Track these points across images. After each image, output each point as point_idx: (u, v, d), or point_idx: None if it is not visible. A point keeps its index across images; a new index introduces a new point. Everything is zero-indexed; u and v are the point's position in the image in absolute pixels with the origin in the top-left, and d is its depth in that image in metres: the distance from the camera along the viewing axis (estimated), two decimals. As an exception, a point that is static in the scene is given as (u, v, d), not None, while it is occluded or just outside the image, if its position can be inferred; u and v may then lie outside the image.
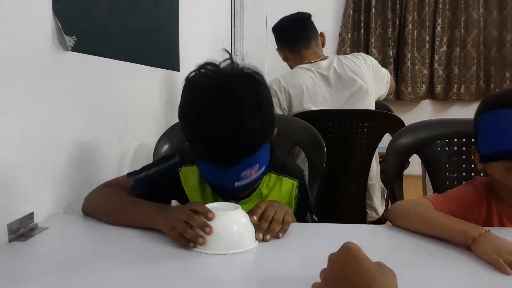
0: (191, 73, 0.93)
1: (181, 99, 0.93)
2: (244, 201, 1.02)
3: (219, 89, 0.86)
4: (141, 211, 0.95)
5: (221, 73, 0.91)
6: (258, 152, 0.88)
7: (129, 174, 1.06)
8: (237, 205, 0.89)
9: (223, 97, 0.85)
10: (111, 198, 1.01)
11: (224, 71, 0.91)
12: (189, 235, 0.82)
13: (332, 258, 0.61)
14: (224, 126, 0.84)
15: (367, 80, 1.84)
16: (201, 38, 2.47)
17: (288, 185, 1.06)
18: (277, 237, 0.89)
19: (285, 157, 1.15)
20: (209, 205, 0.87)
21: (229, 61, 0.92)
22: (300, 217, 1.08)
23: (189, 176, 1.04)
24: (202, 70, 0.92)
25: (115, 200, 1.00)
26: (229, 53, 0.94)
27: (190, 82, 0.92)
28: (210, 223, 0.82)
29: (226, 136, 0.84)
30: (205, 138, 0.86)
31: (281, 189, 1.05)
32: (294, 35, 1.95)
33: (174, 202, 1.18)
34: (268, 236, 0.87)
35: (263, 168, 0.93)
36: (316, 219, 1.13)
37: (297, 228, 1.03)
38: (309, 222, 1.11)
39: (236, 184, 0.90)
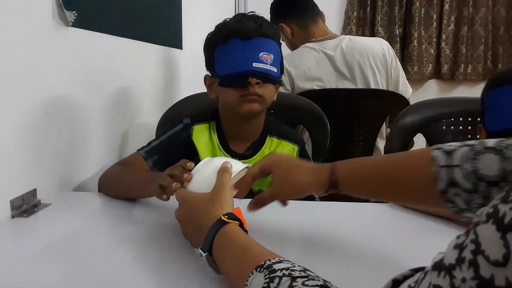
0: None
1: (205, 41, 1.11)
2: (248, 161, 1.08)
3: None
4: (140, 180, 0.96)
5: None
6: (271, 41, 1.04)
7: (138, 149, 1.09)
8: (227, 159, 0.79)
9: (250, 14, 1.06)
10: (119, 174, 1.04)
11: None
12: (166, 181, 0.79)
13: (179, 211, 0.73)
14: (246, 14, 1.06)
15: (376, 67, 1.76)
16: (205, 16, 2.44)
17: (289, 148, 1.14)
18: None
19: (287, 126, 1.21)
20: (205, 160, 0.80)
21: None
22: None
23: (200, 134, 1.11)
24: None
25: (121, 175, 1.03)
26: None
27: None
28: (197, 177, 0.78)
29: (248, 15, 1.05)
30: (231, 18, 1.07)
31: (283, 152, 1.12)
32: (304, 8, 1.87)
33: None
34: None
35: (277, 68, 1.04)
36: None
37: (300, 206, 1.03)
38: None
39: (254, 65, 1.00)
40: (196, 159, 1.09)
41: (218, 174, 0.73)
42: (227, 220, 0.63)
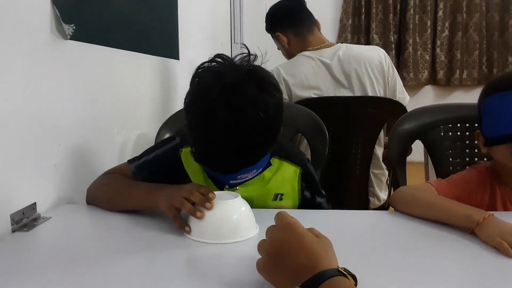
0: (200, 67, 0.90)
1: (190, 95, 0.89)
2: (246, 183, 0.98)
3: (229, 101, 0.82)
4: (142, 191, 0.96)
5: (232, 80, 0.84)
6: (259, 161, 0.91)
7: (129, 161, 1.06)
8: (236, 193, 0.88)
9: (233, 112, 0.82)
10: (113, 184, 1.02)
11: (234, 79, 0.85)
12: (187, 208, 0.83)
13: (273, 234, 0.63)
14: (230, 141, 0.84)
15: (374, 74, 1.77)
16: (200, 26, 2.45)
17: (290, 171, 1.04)
18: None
19: (288, 142, 1.15)
20: None
21: (242, 60, 0.89)
22: (311, 202, 1.07)
23: (190, 157, 0.99)
24: (213, 68, 0.89)
25: (117, 185, 1.01)
26: (247, 49, 0.91)
27: (199, 86, 0.88)
28: (210, 212, 0.83)
29: (231, 151, 0.85)
30: (209, 150, 0.87)
31: (284, 174, 1.03)
32: (300, 17, 1.88)
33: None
34: None
35: (260, 169, 0.95)
36: (326, 201, 1.12)
37: (300, 215, 1.02)
38: (322, 203, 1.09)
39: (231, 182, 0.94)
40: (187, 181, 1.03)
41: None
42: (344, 273, 0.56)
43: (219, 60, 0.89)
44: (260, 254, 0.63)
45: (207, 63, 0.90)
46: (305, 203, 1.07)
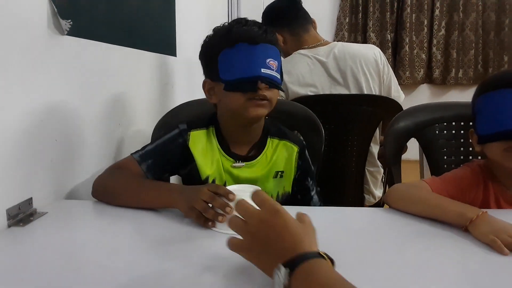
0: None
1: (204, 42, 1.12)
2: (251, 163, 1.10)
3: (242, 20, 1.08)
4: (160, 192, 0.97)
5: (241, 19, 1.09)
6: (275, 47, 1.05)
7: (132, 153, 1.09)
8: (257, 187, 0.91)
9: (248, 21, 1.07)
10: (124, 181, 1.02)
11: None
12: (209, 214, 0.86)
13: (260, 217, 0.64)
14: (248, 20, 1.07)
15: (369, 72, 1.78)
16: (198, 23, 2.44)
17: (289, 149, 1.14)
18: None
19: (287, 128, 1.22)
20: (229, 187, 0.89)
21: None
22: (301, 182, 1.17)
23: (197, 140, 1.10)
24: None
25: (129, 183, 1.02)
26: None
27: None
28: (229, 204, 0.86)
29: (250, 21, 1.07)
30: (232, 22, 1.08)
31: (284, 152, 1.14)
32: (296, 16, 1.90)
33: (176, 179, 1.19)
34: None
35: (279, 73, 1.06)
36: (319, 188, 1.21)
37: (296, 211, 1.03)
38: (311, 187, 1.18)
39: (263, 70, 1.00)
40: (192, 165, 1.09)
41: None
42: (324, 256, 0.60)
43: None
44: (240, 234, 0.66)
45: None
46: (297, 182, 1.15)
